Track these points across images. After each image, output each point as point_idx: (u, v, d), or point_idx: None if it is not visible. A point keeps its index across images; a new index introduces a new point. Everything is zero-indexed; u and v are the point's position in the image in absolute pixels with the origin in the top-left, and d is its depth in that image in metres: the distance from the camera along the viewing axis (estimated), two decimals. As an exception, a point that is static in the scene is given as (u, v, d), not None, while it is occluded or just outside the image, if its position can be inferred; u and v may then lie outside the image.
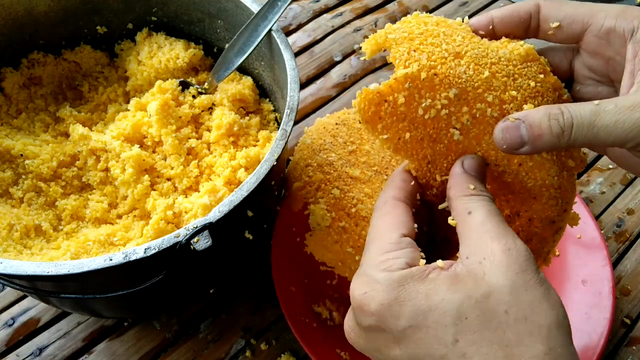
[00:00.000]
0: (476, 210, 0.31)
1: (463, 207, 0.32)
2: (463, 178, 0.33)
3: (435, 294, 0.28)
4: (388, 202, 0.35)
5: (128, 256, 0.35)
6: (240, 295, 0.56)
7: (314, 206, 0.51)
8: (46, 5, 0.55)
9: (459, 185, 0.33)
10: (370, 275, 0.31)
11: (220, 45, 0.59)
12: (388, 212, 0.34)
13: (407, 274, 0.30)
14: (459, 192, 0.33)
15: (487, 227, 0.30)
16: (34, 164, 0.49)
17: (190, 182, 0.50)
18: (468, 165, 0.34)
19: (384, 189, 0.37)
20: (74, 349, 0.53)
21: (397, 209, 0.34)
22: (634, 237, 0.62)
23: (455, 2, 0.88)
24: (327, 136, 0.55)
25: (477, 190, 0.33)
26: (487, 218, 0.31)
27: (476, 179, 0.33)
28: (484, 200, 0.32)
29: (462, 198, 0.32)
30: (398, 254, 0.31)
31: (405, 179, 0.36)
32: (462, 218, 0.32)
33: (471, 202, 0.32)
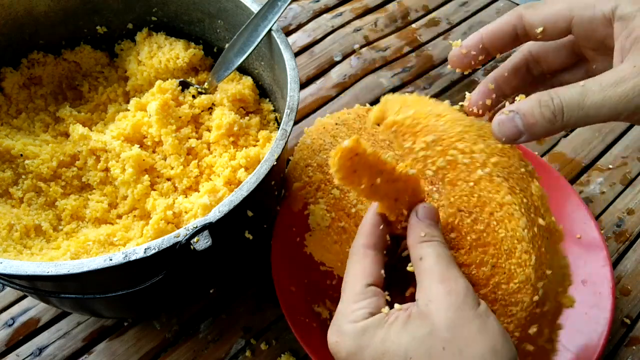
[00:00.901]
0: (426, 256, 0.34)
1: (416, 254, 0.35)
2: (416, 227, 0.36)
3: (388, 338, 0.32)
4: (359, 251, 0.38)
5: (128, 256, 0.35)
6: (240, 295, 0.56)
7: (314, 206, 0.51)
8: (46, 5, 0.55)
9: (414, 234, 0.36)
10: (339, 326, 0.34)
11: (220, 45, 0.59)
12: (358, 260, 0.37)
13: (369, 323, 0.33)
14: (413, 240, 0.36)
15: (435, 270, 0.33)
16: (34, 164, 0.49)
17: (190, 182, 0.50)
18: (421, 213, 0.37)
19: (356, 236, 0.39)
20: (74, 349, 0.53)
21: (366, 258, 0.37)
22: (634, 237, 0.62)
23: (456, 2, 0.88)
24: (327, 136, 0.55)
25: (428, 236, 0.36)
26: (435, 263, 0.34)
27: (429, 225, 0.36)
28: (434, 245, 0.35)
29: (415, 246, 0.36)
30: (363, 304, 0.34)
31: (374, 223, 0.38)
32: (416, 264, 0.35)
33: (422, 249, 0.35)
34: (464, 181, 0.39)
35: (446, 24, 0.84)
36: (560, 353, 0.49)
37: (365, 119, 0.58)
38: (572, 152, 0.69)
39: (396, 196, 0.37)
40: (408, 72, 0.77)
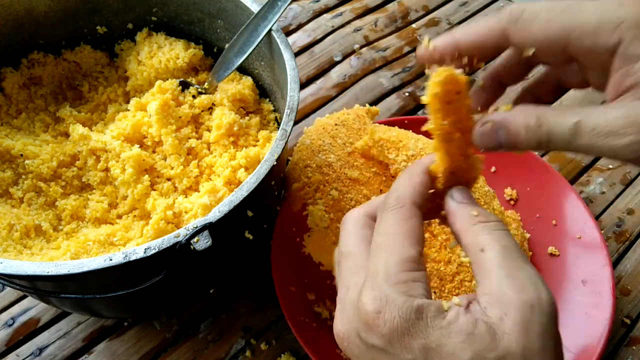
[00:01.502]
0: (490, 248, 0.28)
1: (474, 243, 0.29)
2: (462, 209, 0.31)
3: (450, 342, 0.26)
4: (406, 206, 0.31)
5: (128, 256, 0.35)
6: (240, 295, 0.56)
7: (313, 207, 0.51)
8: (46, 5, 0.55)
9: (462, 217, 0.30)
10: (387, 295, 0.28)
11: (220, 45, 0.59)
12: (405, 218, 0.31)
13: (426, 306, 0.27)
14: (465, 223, 0.30)
15: (505, 271, 0.27)
16: (34, 164, 0.49)
17: (190, 182, 0.50)
18: (459, 197, 0.32)
19: (400, 185, 0.33)
20: (74, 349, 0.53)
21: (415, 219, 0.31)
22: (634, 237, 0.61)
23: (456, 2, 0.88)
24: (327, 137, 0.55)
25: (483, 216, 0.30)
26: (503, 259, 0.27)
27: (473, 204, 0.31)
28: (496, 231, 0.29)
29: (470, 229, 0.29)
30: (418, 276, 0.29)
31: (425, 183, 0.32)
32: (474, 256, 0.29)
33: (482, 235, 0.29)
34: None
35: (446, 24, 0.84)
36: (560, 353, 0.49)
37: (365, 119, 0.58)
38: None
39: (462, 160, 0.32)
40: (408, 72, 0.77)
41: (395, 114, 0.72)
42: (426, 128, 0.31)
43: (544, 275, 0.56)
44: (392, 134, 0.53)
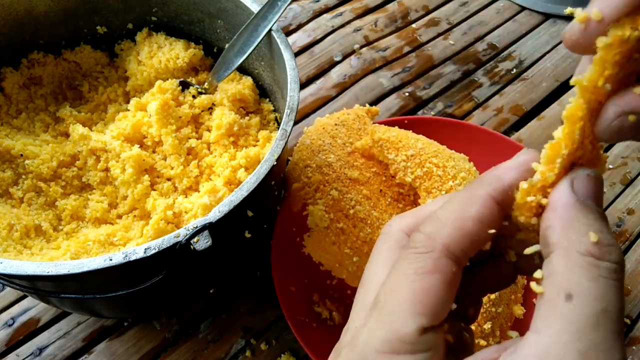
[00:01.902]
0: (583, 300, 0.18)
1: (563, 280, 0.19)
2: (578, 214, 0.20)
3: None
4: (433, 253, 0.22)
5: (128, 256, 0.35)
6: (240, 295, 0.56)
7: (313, 207, 0.51)
8: (46, 5, 0.55)
9: (570, 227, 0.20)
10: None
11: (220, 45, 0.59)
12: (423, 273, 0.22)
13: None
14: (568, 242, 0.19)
15: (584, 344, 0.18)
16: (34, 164, 0.49)
17: (190, 182, 0.50)
18: (584, 190, 0.21)
19: (442, 214, 0.23)
20: (74, 349, 0.53)
21: (438, 276, 0.22)
22: (634, 237, 0.61)
23: (456, 2, 0.88)
24: (327, 137, 0.55)
25: (601, 246, 0.19)
26: (594, 323, 0.18)
27: (601, 218, 0.20)
28: (607, 280, 0.19)
29: (571, 258, 0.19)
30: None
31: (484, 218, 0.22)
32: (554, 296, 0.19)
33: (582, 277, 0.19)
34: (438, 190, 0.47)
35: (446, 24, 0.84)
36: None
37: (365, 119, 0.58)
38: (572, 152, 0.69)
39: (590, 149, 0.23)
40: (408, 72, 0.77)
41: (395, 114, 0.72)
42: (576, 81, 0.21)
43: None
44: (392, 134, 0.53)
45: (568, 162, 0.22)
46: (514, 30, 0.84)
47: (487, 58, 0.80)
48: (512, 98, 0.75)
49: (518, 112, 0.73)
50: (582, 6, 0.23)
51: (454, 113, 0.73)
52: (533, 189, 0.22)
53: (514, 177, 0.23)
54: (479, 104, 0.74)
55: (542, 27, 0.84)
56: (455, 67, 0.78)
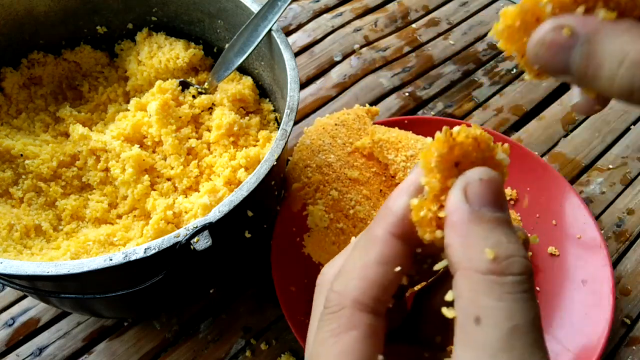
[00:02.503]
0: (491, 322, 0.18)
1: (470, 304, 0.18)
2: (472, 227, 0.19)
3: None
4: (343, 311, 0.21)
5: (128, 256, 0.35)
6: (240, 295, 0.56)
7: (313, 207, 0.51)
8: (46, 5, 0.55)
9: (466, 244, 0.19)
10: None
11: (220, 45, 0.59)
12: (338, 335, 0.21)
13: None
14: (468, 261, 0.19)
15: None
16: (34, 164, 0.49)
17: (190, 182, 0.50)
18: (476, 195, 0.19)
19: (345, 269, 0.22)
20: (74, 349, 0.53)
21: (351, 333, 0.21)
22: (634, 237, 0.61)
23: (456, 2, 0.88)
24: (327, 137, 0.55)
25: (500, 261, 0.18)
26: (505, 347, 0.17)
27: (500, 224, 0.19)
28: (512, 295, 0.18)
29: (472, 279, 0.18)
30: None
31: (385, 259, 0.21)
32: (464, 320, 0.18)
33: (487, 298, 0.18)
34: None
35: (446, 24, 0.84)
36: (561, 353, 0.49)
37: (365, 119, 0.58)
38: (572, 152, 0.69)
39: (473, 143, 0.22)
40: (408, 72, 0.77)
41: (395, 114, 0.72)
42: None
43: (543, 275, 0.56)
44: (391, 134, 0.54)
45: (446, 163, 0.21)
46: (514, 30, 0.83)
47: (487, 58, 0.80)
48: (512, 98, 0.75)
49: (518, 112, 0.73)
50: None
51: (454, 113, 0.73)
52: (425, 202, 0.21)
53: (404, 203, 0.22)
54: (479, 104, 0.74)
55: (542, 27, 0.84)
56: (455, 67, 0.78)
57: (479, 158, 0.21)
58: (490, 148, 0.22)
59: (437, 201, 0.21)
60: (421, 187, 0.22)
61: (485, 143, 0.22)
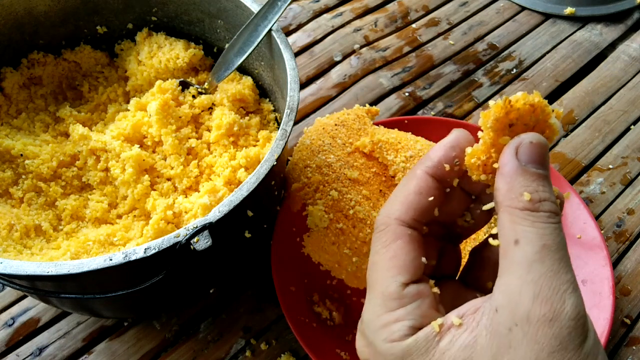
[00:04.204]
0: (526, 242, 0.23)
1: (510, 229, 0.24)
2: (518, 177, 0.24)
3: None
4: (389, 226, 0.28)
5: (128, 256, 0.35)
6: (240, 295, 0.56)
7: (312, 207, 0.51)
8: (46, 5, 0.55)
9: (511, 188, 0.24)
10: (372, 343, 0.26)
11: (220, 45, 0.59)
12: (387, 244, 0.27)
13: (412, 345, 0.24)
14: (510, 200, 0.24)
15: (535, 274, 0.22)
16: (34, 164, 0.49)
17: (190, 182, 0.50)
18: (527, 154, 0.24)
19: (390, 199, 0.29)
20: (74, 349, 0.53)
21: (399, 241, 0.27)
22: (634, 237, 0.61)
23: (456, 2, 0.88)
24: (326, 137, 0.55)
25: (534, 202, 0.23)
26: (539, 258, 0.22)
27: (539, 178, 0.24)
28: (543, 224, 0.23)
29: (513, 213, 0.24)
30: (399, 314, 0.25)
31: (422, 189, 0.28)
32: (506, 245, 0.24)
33: (522, 225, 0.23)
34: None
35: (446, 24, 0.84)
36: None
37: (365, 119, 0.58)
38: (572, 152, 0.69)
39: (529, 110, 0.26)
40: (408, 72, 0.77)
41: (395, 114, 0.73)
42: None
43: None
44: (391, 135, 0.54)
45: (500, 125, 0.26)
46: (514, 30, 0.84)
47: (487, 58, 0.80)
48: (512, 98, 0.75)
49: (518, 112, 0.73)
50: (581, 6, 0.26)
51: (454, 113, 0.73)
52: (477, 152, 0.27)
53: (440, 154, 0.29)
54: (479, 104, 0.74)
55: (542, 27, 0.84)
56: (455, 67, 0.78)
57: (533, 120, 0.26)
58: (545, 113, 0.26)
59: (487, 152, 0.27)
60: (456, 147, 0.29)
61: (541, 109, 0.26)
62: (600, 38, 0.82)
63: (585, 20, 0.84)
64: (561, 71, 0.78)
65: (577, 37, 0.82)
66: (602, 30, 0.83)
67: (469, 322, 0.24)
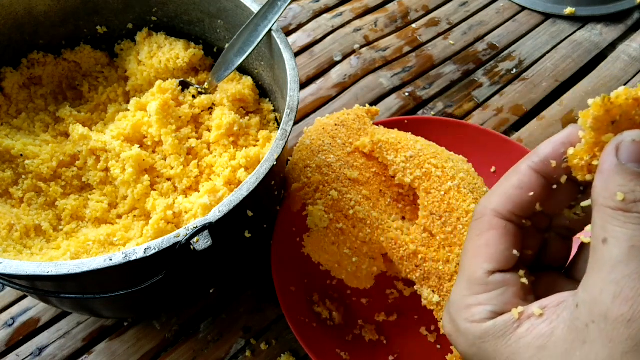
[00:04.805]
0: (615, 241, 0.23)
1: (601, 228, 0.24)
2: (615, 176, 0.24)
3: (519, 358, 0.25)
4: (485, 217, 0.29)
5: (128, 256, 0.35)
6: (240, 295, 0.56)
7: (312, 207, 0.51)
8: (46, 5, 0.55)
9: (607, 187, 0.24)
10: (454, 321, 0.28)
11: (220, 45, 0.59)
12: (481, 232, 0.29)
13: (491, 330, 0.26)
14: (603, 199, 0.24)
15: (618, 274, 0.22)
16: (34, 164, 0.49)
17: (190, 182, 0.50)
18: (626, 152, 0.24)
19: (492, 190, 0.30)
20: (74, 349, 0.53)
21: (492, 231, 0.28)
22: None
23: (456, 2, 0.88)
24: (326, 137, 0.55)
25: (628, 202, 0.23)
26: (625, 259, 0.22)
27: (636, 179, 0.23)
28: (634, 224, 0.23)
29: (605, 212, 0.24)
30: (483, 299, 0.27)
31: (523, 184, 0.28)
32: (595, 243, 0.24)
33: (612, 224, 0.23)
34: (437, 190, 0.48)
35: (446, 24, 0.84)
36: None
37: (365, 119, 0.58)
38: (572, 152, 0.69)
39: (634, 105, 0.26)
40: (408, 72, 0.77)
41: (395, 114, 0.73)
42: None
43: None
44: (391, 135, 0.54)
45: (600, 124, 0.25)
46: (514, 30, 0.84)
47: (487, 58, 0.80)
48: (512, 98, 0.75)
49: (518, 112, 0.73)
50: (581, 6, 0.26)
51: (454, 113, 0.73)
52: (580, 152, 0.27)
53: (548, 151, 0.28)
54: (479, 104, 0.74)
55: (542, 27, 0.84)
56: (455, 67, 0.78)
57: (638, 115, 0.25)
58: None
59: (590, 152, 0.26)
60: (566, 144, 0.28)
61: None
62: (600, 38, 0.82)
63: (585, 20, 0.84)
64: (561, 71, 0.78)
65: (577, 37, 0.82)
66: (602, 30, 0.83)
67: (550, 314, 0.25)
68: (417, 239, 0.48)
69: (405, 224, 0.51)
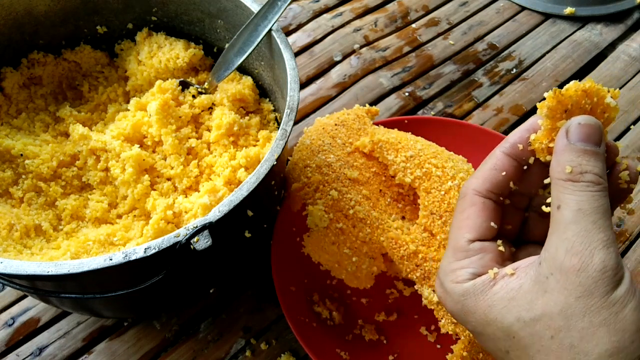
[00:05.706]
0: (565, 206, 0.28)
1: (555, 197, 0.29)
2: (563, 154, 0.29)
3: (491, 311, 0.30)
4: (467, 195, 0.34)
5: (128, 256, 0.35)
6: (240, 295, 0.56)
7: (312, 207, 0.51)
8: (46, 5, 0.55)
9: (559, 163, 0.29)
10: (443, 284, 0.33)
11: (220, 45, 0.59)
12: (463, 209, 0.34)
13: (470, 288, 0.31)
14: (557, 173, 0.29)
15: (569, 233, 0.27)
16: (34, 163, 0.49)
17: (190, 182, 0.50)
18: (575, 133, 0.29)
19: (473, 173, 0.35)
20: (74, 348, 0.53)
21: (472, 207, 0.33)
22: (634, 237, 0.61)
23: (456, 2, 0.88)
24: (326, 137, 0.55)
25: (575, 173, 0.28)
26: (574, 219, 0.27)
27: (583, 153, 0.28)
28: (581, 192, 0.28)
29: (556, 185, 0.29)
30: (464, 263, 0.32)
31: (497, 166, 0.34)
32: (553, 210, 0.29)
33: (563, 193, 0.28)
34: (437, 190, 0.49)
35: (446, 24, 0.84)
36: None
37: (365, 119, 0.58)
38: (572, 152, 0.69)
39: (582, 96, 0.30)
40: (408, 72, 0.77)
41: (395, 114, 0.73)
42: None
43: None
44: (391, 135, 0.54)
45: (554, 113, 0.30)
46: (514, 30, 0.84)
47: (487, 58, 0.80)
48: (512, 98, 0.75)
49: (518, 112, 0.73)
50: (581, 6, 0.28)
51: (454, 113, 0.73)
52: (540, 137, 0.32)
53: (516, 137, 0.34)
54: (479, 103, 0.74)
55: (542, 27, 0.84)
56: (455, 67, 0.78)
57: (588, 103, 0.30)
58: (600, 95, 0.30)
59: (549, 136, 0.31)
60: (532, 130, 0.33)
61: (595, 92, 0.30)
62: (600, 38, 0.82)
63: (585, 20, 0.84)
64: (561, 71, 0.78)
65: (577, 37, 0.82)
66: (602, 30, 0.83)
67: (520, 272, 0.30)
68: (417, 239, 0.48)
69: (405, 224, 0.51)
